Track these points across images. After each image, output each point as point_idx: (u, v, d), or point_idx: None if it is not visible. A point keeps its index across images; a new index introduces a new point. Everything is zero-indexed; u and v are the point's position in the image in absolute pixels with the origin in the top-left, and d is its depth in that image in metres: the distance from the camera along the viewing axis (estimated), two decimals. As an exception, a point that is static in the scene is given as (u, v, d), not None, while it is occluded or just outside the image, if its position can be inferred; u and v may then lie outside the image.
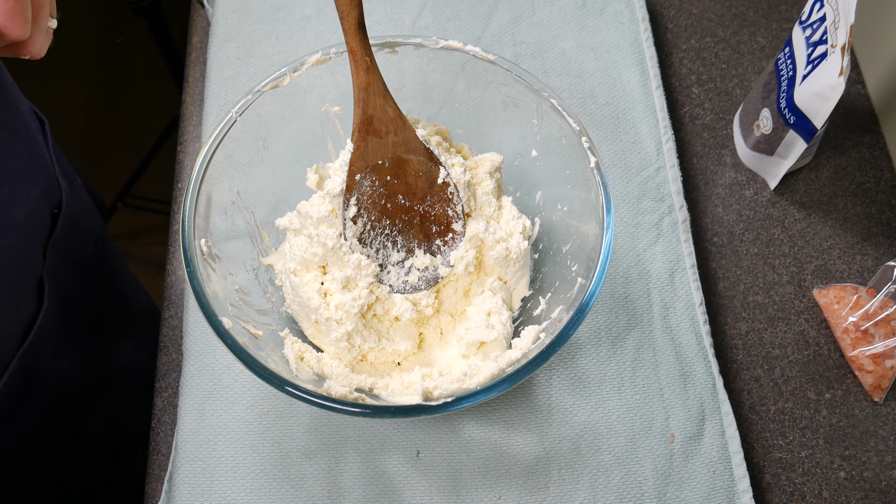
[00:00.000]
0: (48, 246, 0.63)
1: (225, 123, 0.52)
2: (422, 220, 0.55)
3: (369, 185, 0.53)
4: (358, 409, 0.44)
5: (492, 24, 0.76)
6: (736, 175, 0.73)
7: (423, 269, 0.55)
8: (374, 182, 0.53)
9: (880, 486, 0.61)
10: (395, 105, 0.51)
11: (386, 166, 0.53)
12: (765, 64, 0.78)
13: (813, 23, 0.63)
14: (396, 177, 0.53)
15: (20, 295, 0.60)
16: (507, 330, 0.55)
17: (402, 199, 0.54)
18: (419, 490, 0.57)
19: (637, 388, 0.61)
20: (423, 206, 0.54)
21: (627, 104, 0.73)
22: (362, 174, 0.52)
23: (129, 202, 1.52)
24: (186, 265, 0.48)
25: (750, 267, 0.69)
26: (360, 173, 0.52)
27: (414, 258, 0.55)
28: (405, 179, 0.53)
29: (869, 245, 0.70)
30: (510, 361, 0.50)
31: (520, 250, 0.56)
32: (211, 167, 0.52)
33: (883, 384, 0.63)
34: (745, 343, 0.66)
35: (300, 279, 0.54)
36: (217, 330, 0.46)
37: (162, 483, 0.57)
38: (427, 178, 0.53)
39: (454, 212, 0.55)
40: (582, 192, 0.54)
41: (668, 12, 0.81)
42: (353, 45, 0.48)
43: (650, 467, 0.59)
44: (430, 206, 0.54)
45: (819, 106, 0.61)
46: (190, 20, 0.79)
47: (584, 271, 0.51)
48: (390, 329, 0.55)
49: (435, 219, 0.55)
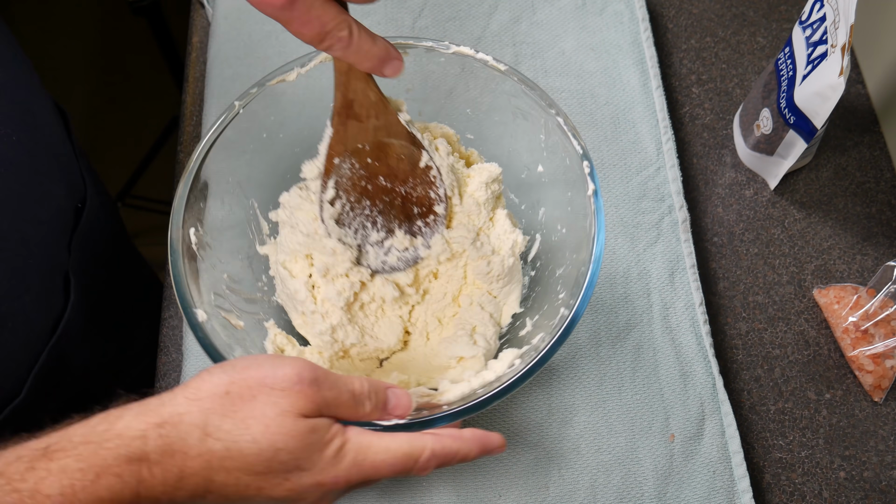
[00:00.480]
0: (72, 240, 0.64)
1: (228, 114, 0.52)
2: (403, 200, 0.54)
3: (349, 167, 0.53)
4: None
5: (492, 23, 0.76)
6: (736, 175, 0.73)
7: (402, 249, 0.55)
8: (353, 165, 0.53)
9: (880, 486, 0.61)
10: (376, 89, 0.50)
11: (367, 150, 0.52)
12: (765, 64, 0.78)
13: (813, 23, 0.63)
14: (378, 159, 0.53)
15: (49, 290, 0.61)
16: (490, 346, 0.54)
17: (383, 180, 0.54)
18: (419, 490, 0.57)
19: (637, 388, 0.61)
20: (405, 187, 0.54)
21: (627, 104, 0.73)
22: (341, 157, 0.52)
23: (129, 202, 1.52)
24: (171, 253, 0.48)
25: (750, 267, 0.69)
26: (339, 157, 0.52)
27: (394, 238, 0.55)
28: (387, 162, 0.53)
29: (869, 245, 0.70)
30: (483, 383, 0.49)
31: (502, 268, 0.55)
32: (210, 155, 0.52)
33: (883, 384, 0.63)
34: (745, 343, 0.66)
35: (289, 271, 0.54)
36: (190, 322, 0.46)
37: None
38: (409, 161, 0.53)
39: (436, 194, 0.54)
40: (580, 219, 0.52)
41: (668, 12, 0.81)
42: None
43: (650, 467, 0.59)
44: (413, 187, 0.54)
45: (819, 106, 0.61)
46: (190, 20, 0.79)
47: (568, 301, 0.49)
48: (375, 325, 0.55)
49: (416, 200, 0.54)
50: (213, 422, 0.36)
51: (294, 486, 0.38)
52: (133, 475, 0.35)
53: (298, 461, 0.38)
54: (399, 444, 0.40)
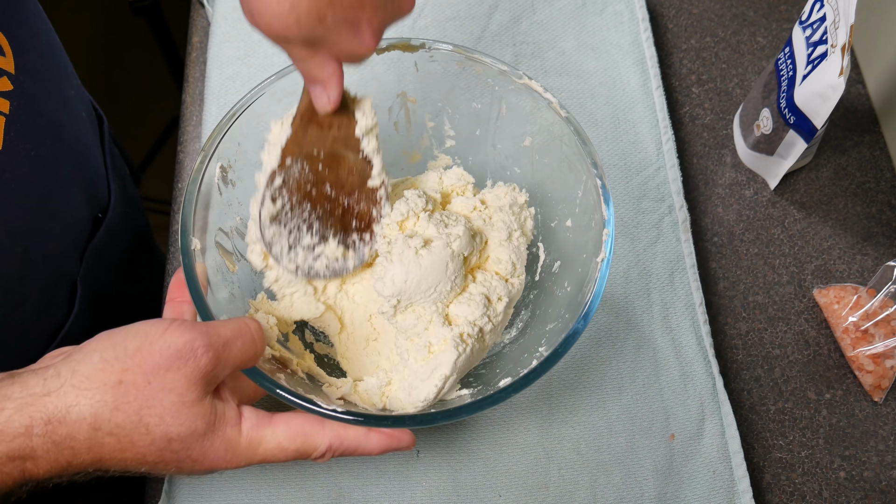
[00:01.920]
0: (86, 251, 0.62)
1: (257, 89, 0.53)
2: (343, 212, 0.54)
3: (298, 169, 0.52)
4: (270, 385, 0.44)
5: (492, 23, 0.76)
6: (736, 175, 0.73)
7: (333, 259, 0.54)
8: (303, 168, 0.52)
9: (880, 486, 0.61)
10: (347, 99, 0.50)
11: (320, 157, 0.52)
12: (765, 64, 0.78)
13: (813, 23, 0.63)
14: (328, 167, 0.53)
15: (51, 301, 0.59)
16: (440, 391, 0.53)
17: (328, 187, 0.53)
18: (419, 490, 0.57)
19: (637, 388, 0.61)
20: (350, 199, 0.54)
21: (627, 104, 0.73)
22: (293, 159, 0.52)
23: (129, 202, 1.52)
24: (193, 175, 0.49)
25: (750, 267, 0.69)
26: (292, 157, 0.52)
27: (326, 246, 0.54)
28: (337, 171, 0.53)
29: (869, 245, 0.70)
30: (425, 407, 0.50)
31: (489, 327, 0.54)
32: (261, 100, 0.53)
33: (883, 384, 0.63)
34: (745, 343, 0.66)
35: None
36: (183, 246, 0.47)
37: (162, 483, 0.57)
38: (360, 176, 0.53)
39: (378, 213, 0.54)
40: (580, 289, 0.51)
41: (668, 12, 0.81)
42: None
43: (650, 467, 0.58)
44: (356, 201, 0.54)
45: (819, 106, 0.61)
46: (190, 20, 0.79)
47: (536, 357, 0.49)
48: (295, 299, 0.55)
49: (358, 214, 0.54)
50: (104, 415, 0.36)
51: (183, 470, 0.39)
52: (17, 469, 0.34)
53: (190, 451, 0.38)
54: (292, 440, 0.42)
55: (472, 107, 0.59)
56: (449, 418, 0.45)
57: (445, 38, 0.76)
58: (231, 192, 0.53)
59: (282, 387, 0.44)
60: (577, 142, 0.53)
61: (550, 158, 0.57)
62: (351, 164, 0.53)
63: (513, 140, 0.59)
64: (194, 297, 0.46)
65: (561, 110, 0.54)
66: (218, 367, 0.39)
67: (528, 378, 0.46)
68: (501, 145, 0.60)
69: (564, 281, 0.55)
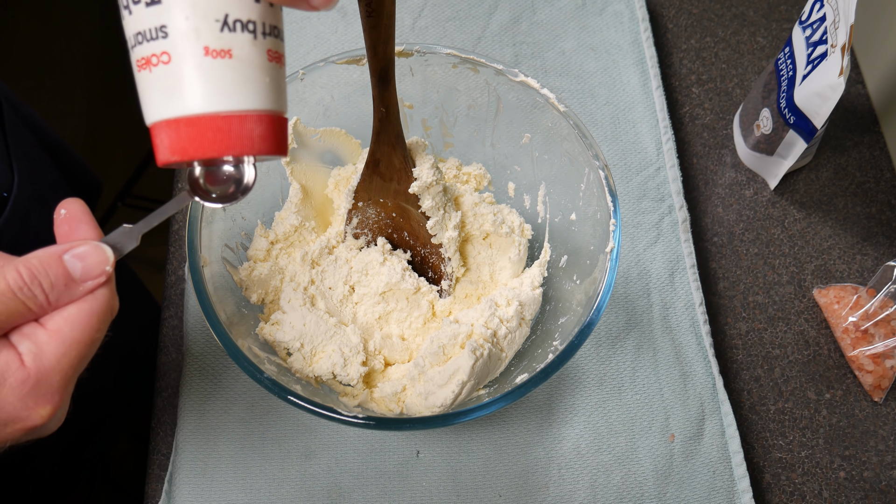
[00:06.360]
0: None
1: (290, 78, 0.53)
2: (422, 260, 0.57)
3: (374, 213, 0.55)
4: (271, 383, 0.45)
5: (492, 23, 0.76)
6: (736, 175, 0.73)
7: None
8: (378, 212, 0.55)
9: (880, 486, 0.61)
10: (402, 156, 0.50)
11: (389, 205, 0.54)
12: (765, 64, 0.78)
13: (813, 23, 0.63)
14: (401, 216, 0.55)
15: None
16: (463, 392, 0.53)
17: (406, 235, 0.56)
18: (419, 490, 0.57)
19: (637, 388, 0.61)
20: (425, 250, 0.56)
21: (627, 104, 0.73)
22: (365, 203, 0.54)
23: (129, 202, 1.52)
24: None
25: (750, 267, 0.69)
26: (364, 202, 0.54)
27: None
28: (409, 222, 0.55)
29: (869, 245, 0.70)
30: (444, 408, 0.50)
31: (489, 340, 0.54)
32: None
33: (883, 384, 0.63)
34: (745, 343, 0.66)
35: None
36: (191, 263, 0.48)
37: (162, 483, 0.57)
38: (426, 231, 0.55)
39: (444, 269, 0.56)
40: (590, 282, 0.51)
41: (668, 12, 0.81)
42: (374, 91, 0.47)
43: (650, 467, 0.59)
44: (429, 253, 0.56)
45: (819, 106, 0.61)
46: (190, 20, 0.79)
47: (562, 342, 0.49)
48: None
49: (432, 266, 0.57)
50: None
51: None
52: None
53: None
54: (71, 334, 0.33)
55: (470, 107, 0.59)
56: (467, 416, 0.45)
57: (445, 38, 0.76)
58: (234, 208, 0.53)
59: (299, 396, 0.44)
60: (577, 135, 0.53)
61: (550, 154, 0.57)
62: (418, 217, 0.54)
63: (511, 138, 0.59)
64: (205, 309, 0.46)
65: (559, 105, 0.54)
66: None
67: (545, 372, 0.46)
68: (500, 144, 0.60)
69: (573, 274, 0.55)
